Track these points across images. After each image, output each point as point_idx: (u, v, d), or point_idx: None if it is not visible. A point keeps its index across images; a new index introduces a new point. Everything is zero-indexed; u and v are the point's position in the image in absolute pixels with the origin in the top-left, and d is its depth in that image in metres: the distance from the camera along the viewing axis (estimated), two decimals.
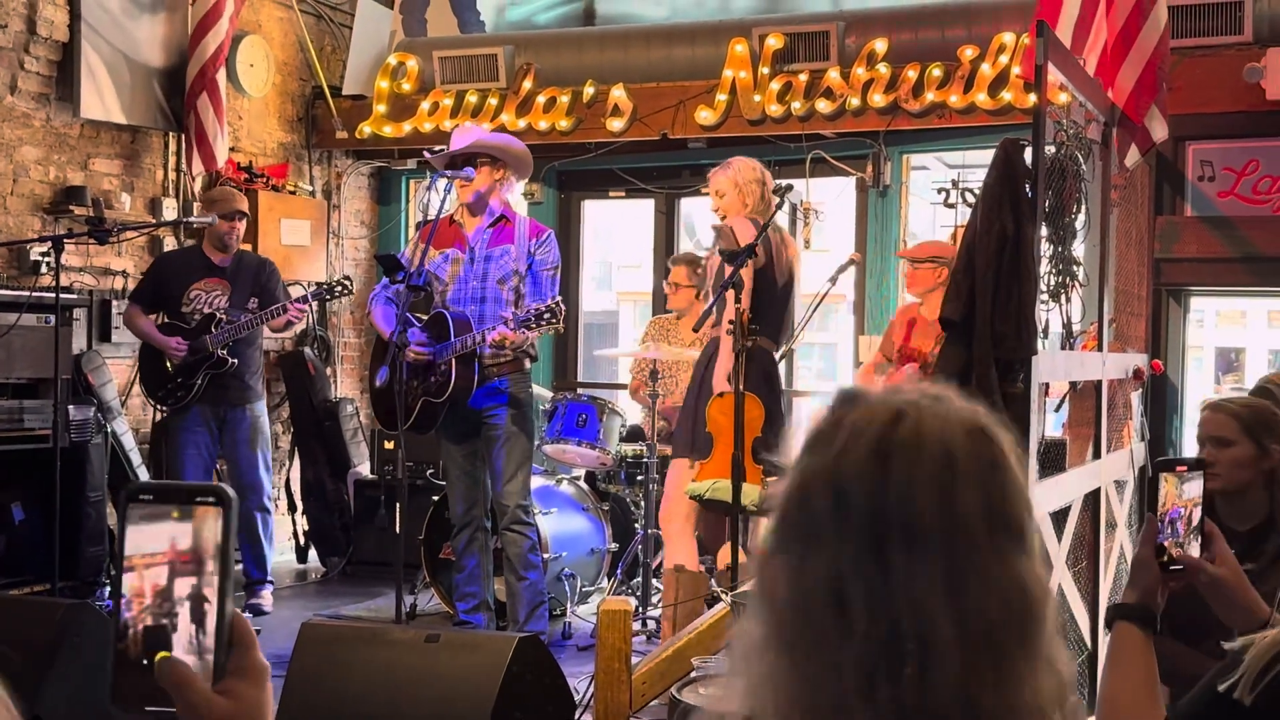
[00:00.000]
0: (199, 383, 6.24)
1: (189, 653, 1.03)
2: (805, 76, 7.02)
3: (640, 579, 6.08)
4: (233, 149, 7.60)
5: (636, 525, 6.41)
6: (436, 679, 3.67)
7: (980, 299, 3.63)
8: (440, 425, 5.44)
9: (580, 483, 6.68)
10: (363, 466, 7.77)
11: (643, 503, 6.20)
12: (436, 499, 6.28)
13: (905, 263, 6.26)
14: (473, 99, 7.80)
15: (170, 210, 7.33)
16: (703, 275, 6.19)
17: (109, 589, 6.32)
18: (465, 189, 5.44)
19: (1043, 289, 4.01)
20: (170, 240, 7.37)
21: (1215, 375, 12.92)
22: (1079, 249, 4.56)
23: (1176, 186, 6.44)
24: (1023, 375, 3.62)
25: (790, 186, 5.12)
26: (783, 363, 5.61)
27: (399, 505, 5.16)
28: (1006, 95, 6.55)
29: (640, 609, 5.87)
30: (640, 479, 6.32)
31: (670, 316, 6.76)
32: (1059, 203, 4.16)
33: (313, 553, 7.81)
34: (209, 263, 6.42)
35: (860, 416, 1.08)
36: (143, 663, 1.02)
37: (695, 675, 3.40)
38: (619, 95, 7.43)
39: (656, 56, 7.54)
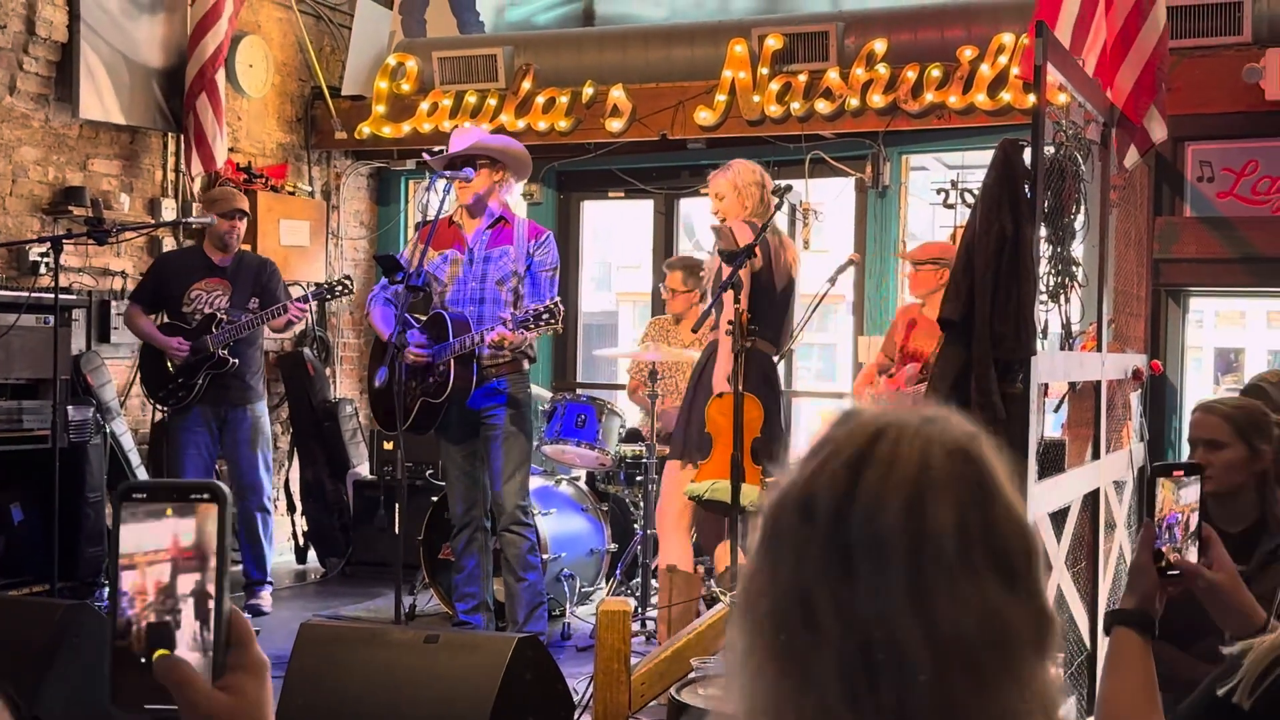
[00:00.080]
0: (200, 383, 6.24)
1: (188, 650, 1.03)
2: (804, 77, 7.02)
3: (639, 580, 6.08)
4: (232, 149, 7.60)
5: (636, 526, 6.41)
6: (435, 680, 3.67)
7: (979, 299, 3.63)
8: (439, 426, 5.44)
9: (579, 483, 6.68)
10: (362, 467, 7.77)
11: (642, 503, 6.19)
12: (436, 499, 6.28)
13: (906, 264, 6.25)
14: (472, 99, 7.80)
15: (169, 211, 7.33)
16: (702, 279, 6.17)
17: (108, 589, 6.33)
18: (465, 191, 5.44)
19: (1042, 289, 4.01)
20: (169, 241, 7.37)
21: (1214, 376, 12.92)
22: (1078, 249, 4.55)
23: (1176, 187, 6.44)
24: (1022, 376, 3.62)
25: (789, 187, 5.11)
26: (781, 364, 5.61)
27: (398, 506, 5.16)
28: (1005, 96, 6.55)
29: (639, 610, 5.86)
30: (639, 479, 6.32)
31: (669, 317, 6.76)
32: (1058, 203, 4.16)
33: (312, 553, 7.81)
34: (210, 263, 6.42)
35: (843, 433, 1.09)
36: (141, 661, 1.02)
37: (694, 676, 3.40)
38: (618, 96, 7.43)
39: (655, 57, 7.54)
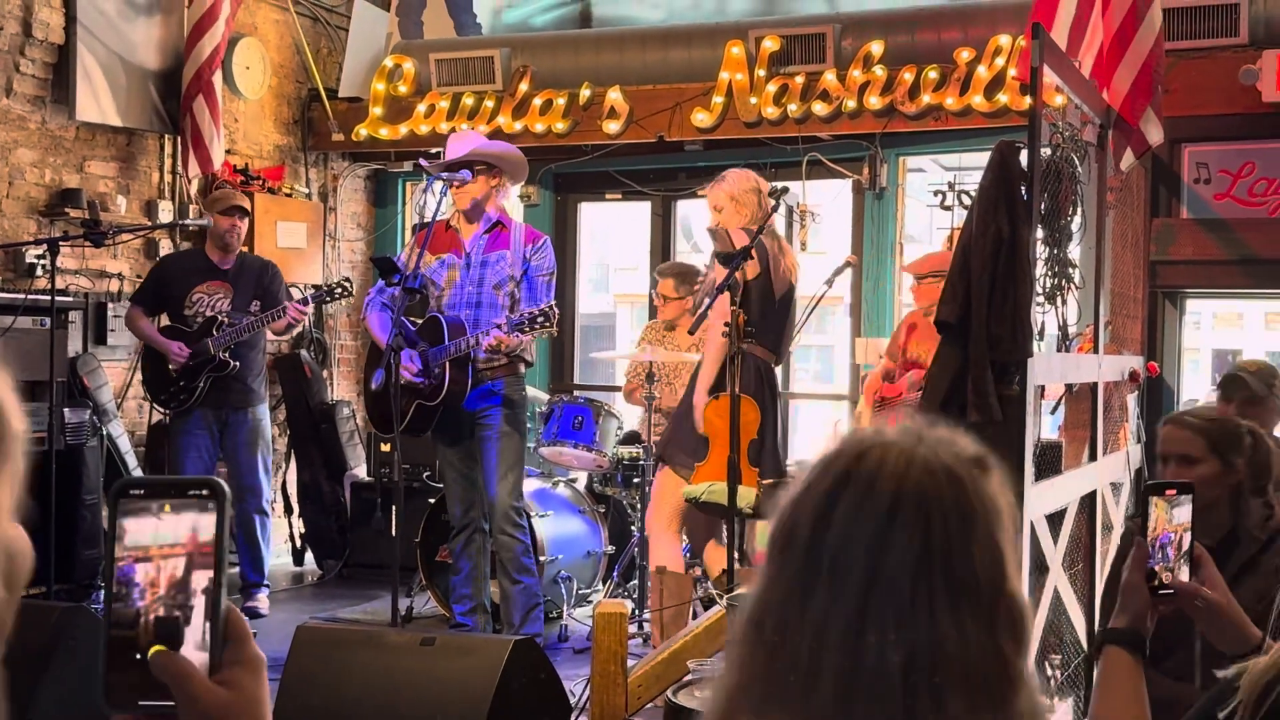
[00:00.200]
0: (201, 385, 6.24)
1: (187, 646, 1.02)
2: (801, 79, 7.02)
3: (637, 582, 6.07)
4: (229, 151, 7.59)
5: (633, 528, 6.40)
6: (432, 682, 3.67)
7: (976, 301, 3.63)
8: (435, 428, 5.44)
9: (577, 485, 6.68)
10: (359, 469, 7.77)
11: (639, 505, 6.19)
12: (433, 501, 6.28)
13: (909, 276, 6.23)
14: (469, 101, 7.80)
15: (166, 213, 7.32)
16: (695, 288, 6.10)
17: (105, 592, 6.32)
18: (462, 196, 5.45)
19: (1038, 291, 4.01)
20: (166, 243, 7.36)
21: (1212, 377, 12.91)
22: (1075, 251, 4.56)
23: (1172, 189, 6.44)
24: (1018, 377, 3.62)
25: (786, 189, 5.11)
26: (779, 366, 5.60)
27: (395, 508, 5.16)
28: (1002, 97, 6.55)
29: (637, 612, 5.86)
30: (637, 481, 6.31)
31: (664, 322, 6.72)
32: (1055, 205, 4.16)
33: (309, 555, 7.80)
34: (211, 265, 6.41)
35: (832, 456, 1.10)
36: (137, 658, 1.01)
37: (691, 678, 3.40)
38: (615, 97, 7.43)
39: (653, 59, 7.54)
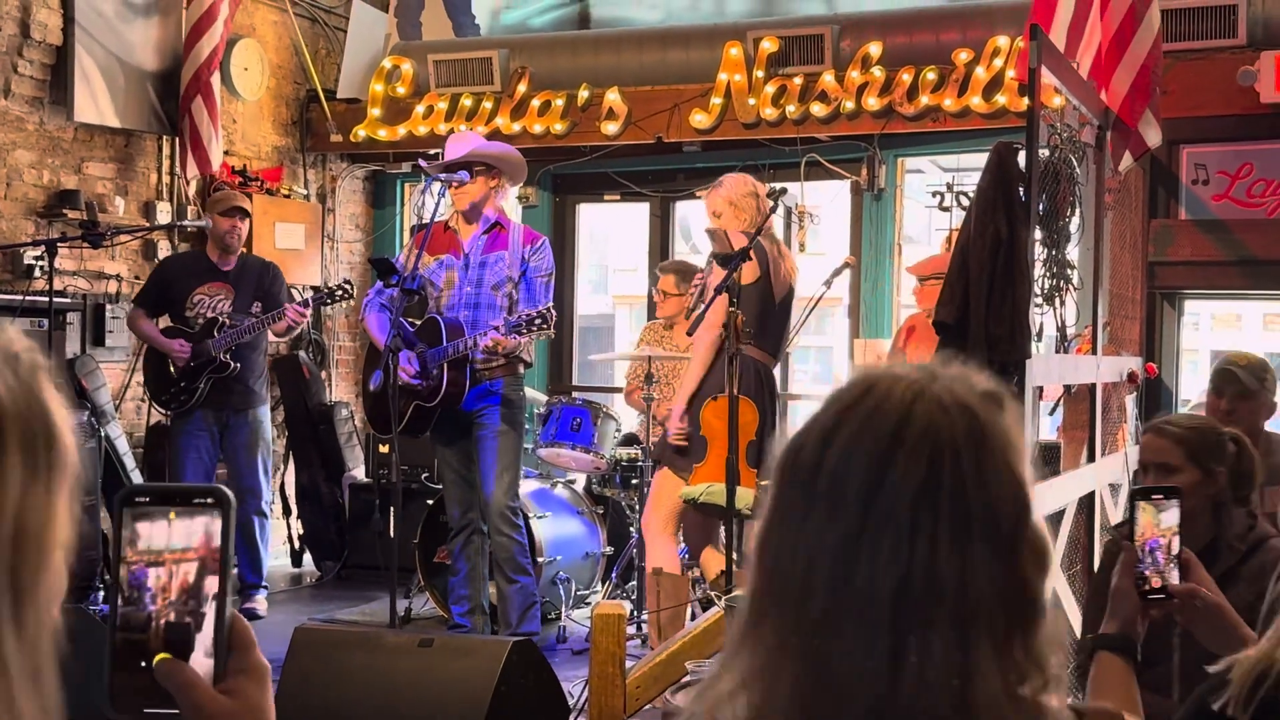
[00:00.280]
0: (202, 387, 6.23)
1: (196, 652, 1.02)
2: (800, 80, 7.02)
3: (635, 583, 6.07)
4: (227, 152, 7.59)
5: (631, 529, 6.39)
6: (430, 683, 3.67)
7: (974, 302, 3.63)
8: (434, 429, 5.44)
9: (575, 487, 6.67)
10: (357, 470, 7.76)
11: (638, 506, 6.18)
12: (431, 503, 6.27)
13: (912, 278, 6.23)
14: (467, 102, 7.80)
15: (164, 214, 7.32)
16: (697, 284, 6.11)
17: (103, 594, 6.31)
18: (461, 197, 5.45)
19: (1037, 292, 4.01)
20: (164, 244, 7.36)
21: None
22: (1073, 252, 4.56)
23: (1171, 190, 6.44)
24: (1016, 378, 3.62)
25: (784, 190, 5.11)
26: (777, 367, 5.60)
27: (393, 509, 5.15)
28: (1001, 98, 6.55)
29: (635, 613, 5.86)
30: (635, 483, 6.31)
31: (664, 323, 6.73)
32: (1053, 206, 4.16)
33: (307, 557, 7.79)
34: (213, 267, 6.41)
35: (843, 387, 1.12)
36: (141, 665, 1.01)
37: (689, 679, 3.40)
38: (614, 99, 7.43)
39: (651, 60, 7.53)
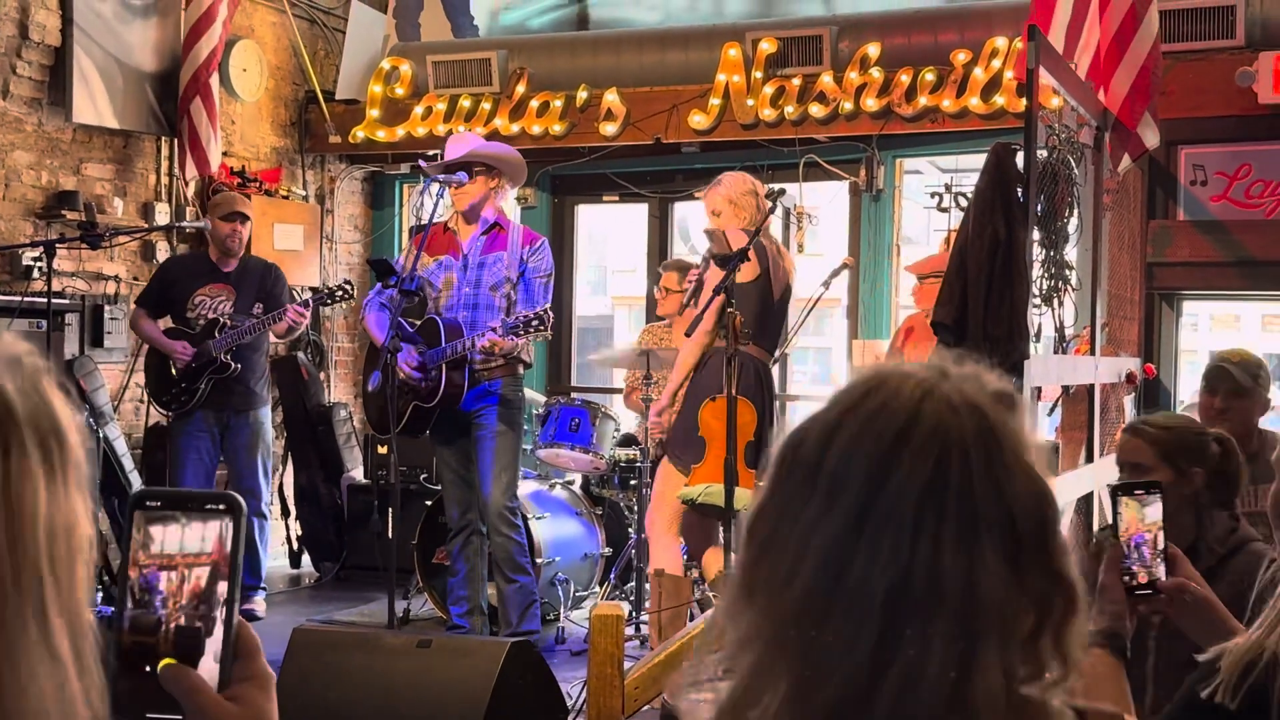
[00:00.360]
0: (203, 387, 6.23)
1: (206, 656, 1.02)
2: (798, 81, 7.02)
3: (634, 584, 6.07)
4: (226, 153, 7.59)
5: (630, 530, 6.40)
6: (429, 684, 3.66)
7: (972, 303, 3.64)
8: (433, 430, 5.45)
9: (574, 487, 6.67)
10: (356, 471, 7.76)
11: (636, 507, 6.19)
12: (430, 504, 6.27)
13: (912, 276, 6.23)
14: (466, 103, 7.80)
15: (163, 215, 7.32)
16: (691, 281, 6.12)
17: (102, 595, 6.30)
18: (461, 198, 5.46)
19: (1035, 293, 4.01)
20: (163, 245, 7.36)
21: None
22: (1071, 253, 4.56)
23: (1169, 190, 6.44)
24: (1015, 379, 3.62)
25: (782, 191, 5.11)
26: (776, 368, 5.60)
27: (391, 510, 5.15)
28: (999, 99, 6.55)
29: (634, 614, 5.86)
30: (634, 483, 6.31)
31: (663, 324, 6.73)
32: (1051, 207, 4.17)
33: (306, 558, 7.79)
34: (215, 268, 6.40)
35: (852, 383, 1.11)
36: (145, 669, 1.01)
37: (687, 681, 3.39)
38: (612, 100, 7.43)
39: (650, 61, 7.53)
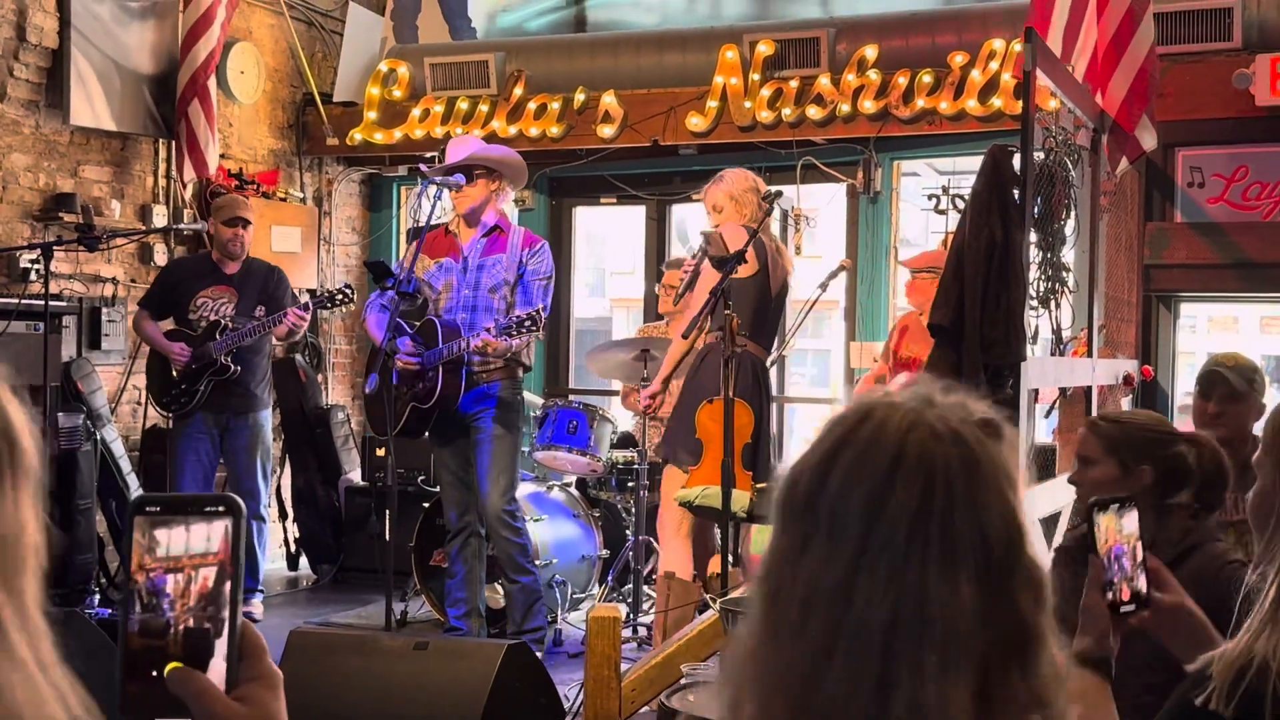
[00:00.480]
0: (202, 389, 6.23)
1: (216, 658, 1.02)
2: (796, 83, 7.02)
3: (631, 586, 6.07)
4: (223, 156, 7.58)
5: (628, 532, 6.40)
6: (425, 686, 3.66)
7: (969, 304, 3.64)
8: (432, 431, 5.45)
9: (571, 489, 6.67)
10: (354, 473, 7.76)
11: (634, 509, 6.18)
12: (427, 506, 6.27)
13: (905, 271, 6.24)
14: (464, 105, 7.80)
15: (160, 217, 7.31)
16: (689, 269, 6.12)
17: (98, 597, 6.30)
18: (461, 201, 5.47)
19: (1032, 295, 4.01)
20: (160, 247, 7.36)
21: None
22: (1069, 255, 4.57)
23: (1166, 192, 6.44)
24: (1012, 381, 3.62)
25: (779, 193, 5.11)
26: (774, 369, 5.60)
27: (389, 512, 5.15)
28: (996, 101, 6.55)
29: (631, 616, 5.86)
30: (631, 485, 6.31)
31: (660, 324, 6.74)
32: (1048, 209, 4.17)
33: (303, 560, 7.79)
34: (217, 270, 6.40)
35: (839, 417, 1.11)
36: (152, 673, 1.01)
37: (685, 682, 3.39)
38: (610, 102, 7.43)
39: (647, 63, 7.53)
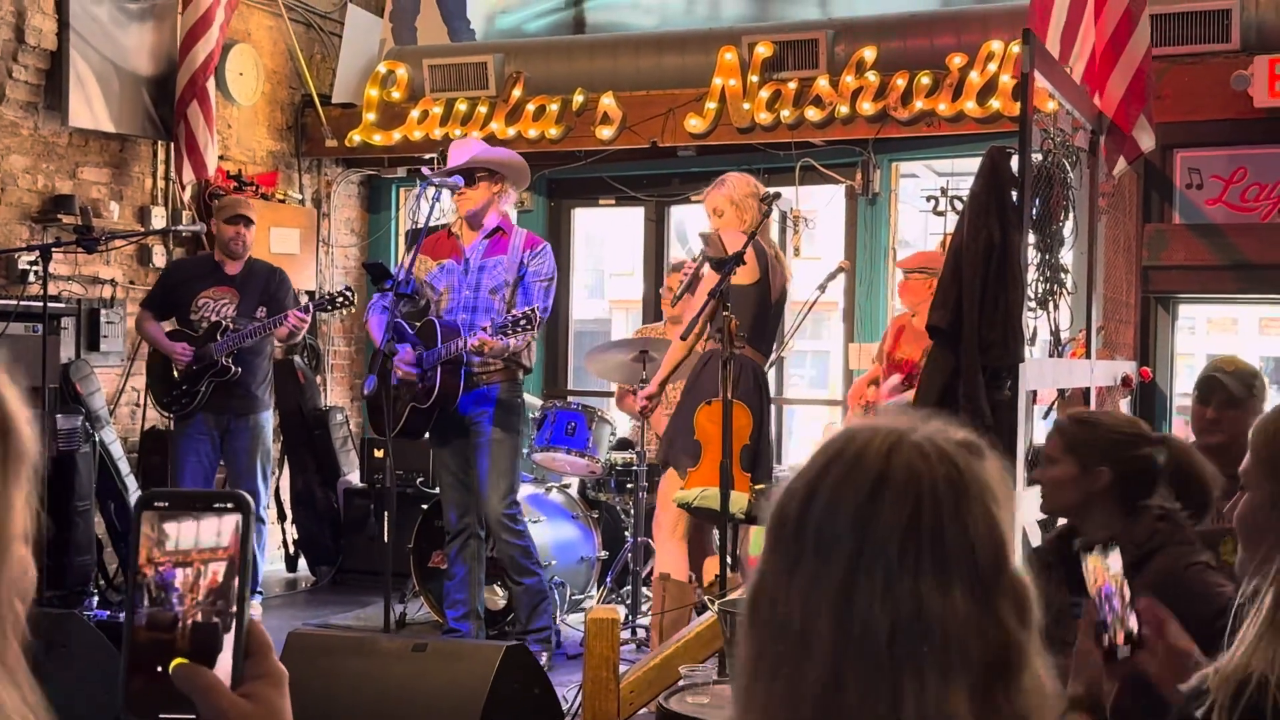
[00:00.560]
0: (203, 390, 6.23)
1: (224, 652, 1.02)
2: (794, 84, 7.02)
3: (630, 587, 6.07)
4: (222, 157, 7.59)
5: (626, 533, 6.40)
6: (424, 688, 3.66)
7: (967, 306, 3.64)
8: (432, 432, 5.46)
9: (570, 491, 6.67)
10: (352, 475, 7.76)
11: (633, 511, 6.18)
12: (426, 507, 6.27)
13: (899, 272, 6.25)
14: (462, 107, 7.80)
15: (159, 219, 7.31)
16: (688, 272, 6.12)
17: (97, 599, 6.30)
18: (463, 203, 5.48)
19: (1030, 296, 4.02)
20: (159, 249, 7.36)
21: None
22: (1067, 257, 4.57)
23: (1165, 194, 6.45)
24: (1010, 382, 3.62)
25: (778, 194, 5.11)
26: (772, 371, 5.60)
27: (387, 514, 5.15)
28: (995, 103, 6.56)
29: (630, 617, 5.86)
30: (630, 487, 6.31)
31: (658, 326, 6.74)
32: (1046, 210, 4.17)
33: (302, 561, 7.79)
34: (219, 271, 6.40)
35: (825, 443, 1.14)
36: (158, 669, 1.00)
37: (683, 684, 3.39)
38: (608, 103, 7.43)
39: (646, 65, 7.54)
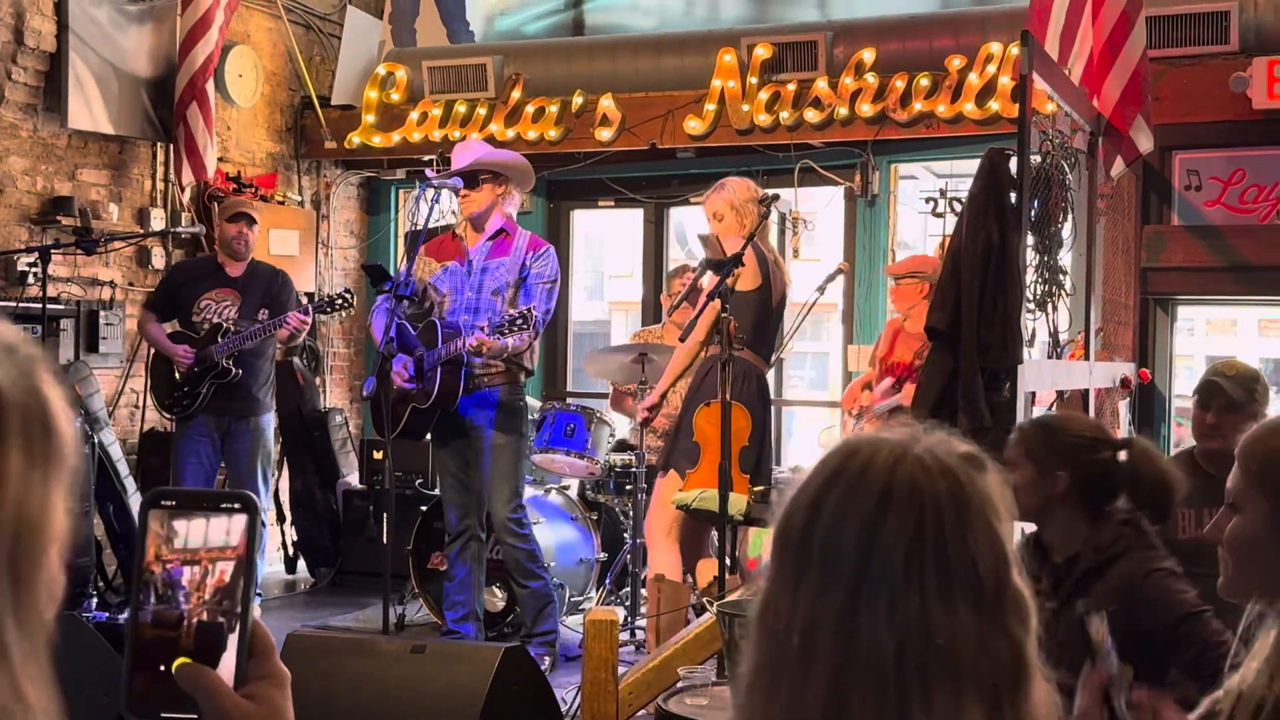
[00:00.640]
0: (204, 392, 6.23)
1: (228, 652, 1.02)
2: (793, 86, 7.02)
3: (629, 589, 6.07)
4: (221, 159, 7.59)
5: (625, 535, 6.40)
6: (422, 690, 3.66)
7: (966, 307, 3.64)
8: (433, 433, 5.47)
9: (569, 492, 6.67)
10: (351, 476, 7.76)
11: (631, 512, 6.19)
12: (425, 509, 6.27)
13: (891, 278, 6.26)
14: (461, 109, 7.80)
15: (158, 220, 7.31)
16: (685, 283, 6.13)
17: (96, 600, 6.30)
18: (467, 205, 5.49)
19: (1029, 298, 4.02)
20: (158, 250, 7.36)
21: None
22: (1066, 258, 4.57)
23: (1163, 196, 6.45)
24: (1009, 384, 3.62)
25: (777, 196, 5.11)
26: (771, 372, 5.61)
27: (387, 515, 5.15)
28: (994, 105, 6.56)
29: (629, 619, 5.86)
30: (629, 489, 6.31)
31: (656, 329, 6.75)
32: (1045, 212, 4.17)
33: (301, 563, 7.79)
34: (221, 273, 6.40)
35: (826, 456, 1.14)
36: (160, 668, 1.01)
37: (681, 685, 3.39)
38: (608, 105, 7.43)
39: (645, 66, 7.54)
